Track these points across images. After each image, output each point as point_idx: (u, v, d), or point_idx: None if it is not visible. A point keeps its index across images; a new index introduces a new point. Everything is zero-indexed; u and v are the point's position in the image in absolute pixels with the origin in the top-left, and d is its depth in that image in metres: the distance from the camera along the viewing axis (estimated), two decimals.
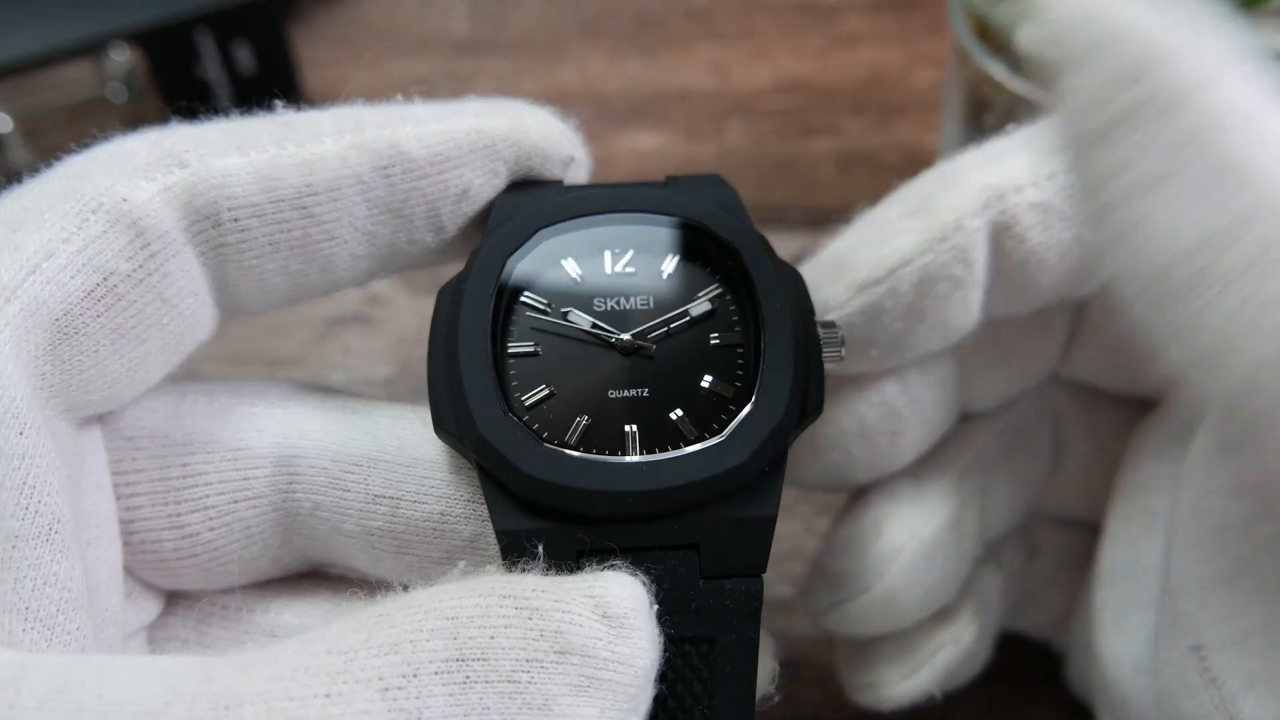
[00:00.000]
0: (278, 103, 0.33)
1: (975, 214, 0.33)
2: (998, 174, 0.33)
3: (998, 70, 0.51)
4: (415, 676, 0.23)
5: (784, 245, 0.64)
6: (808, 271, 0.35)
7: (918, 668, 0.40)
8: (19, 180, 0.31)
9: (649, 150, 0.68)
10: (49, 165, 0.31)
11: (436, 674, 0.24)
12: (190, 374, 0.35)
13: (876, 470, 0.38)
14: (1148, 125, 0.25)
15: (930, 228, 0.33)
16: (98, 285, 0.29)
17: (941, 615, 0.40)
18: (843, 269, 0.34)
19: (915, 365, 0.37)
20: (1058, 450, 0.41)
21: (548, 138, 0.34)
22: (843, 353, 0.33)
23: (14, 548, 0.26)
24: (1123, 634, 0.36)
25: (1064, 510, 0.43)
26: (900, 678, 0.40)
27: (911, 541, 0.37)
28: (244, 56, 0.65)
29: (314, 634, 0.25)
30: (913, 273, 0.33)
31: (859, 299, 0.34)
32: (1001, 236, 0.33)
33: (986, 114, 0.53)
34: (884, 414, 0.37)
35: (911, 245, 0.33)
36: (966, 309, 0.34)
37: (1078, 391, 0.41)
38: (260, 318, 0.59)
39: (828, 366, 0.32)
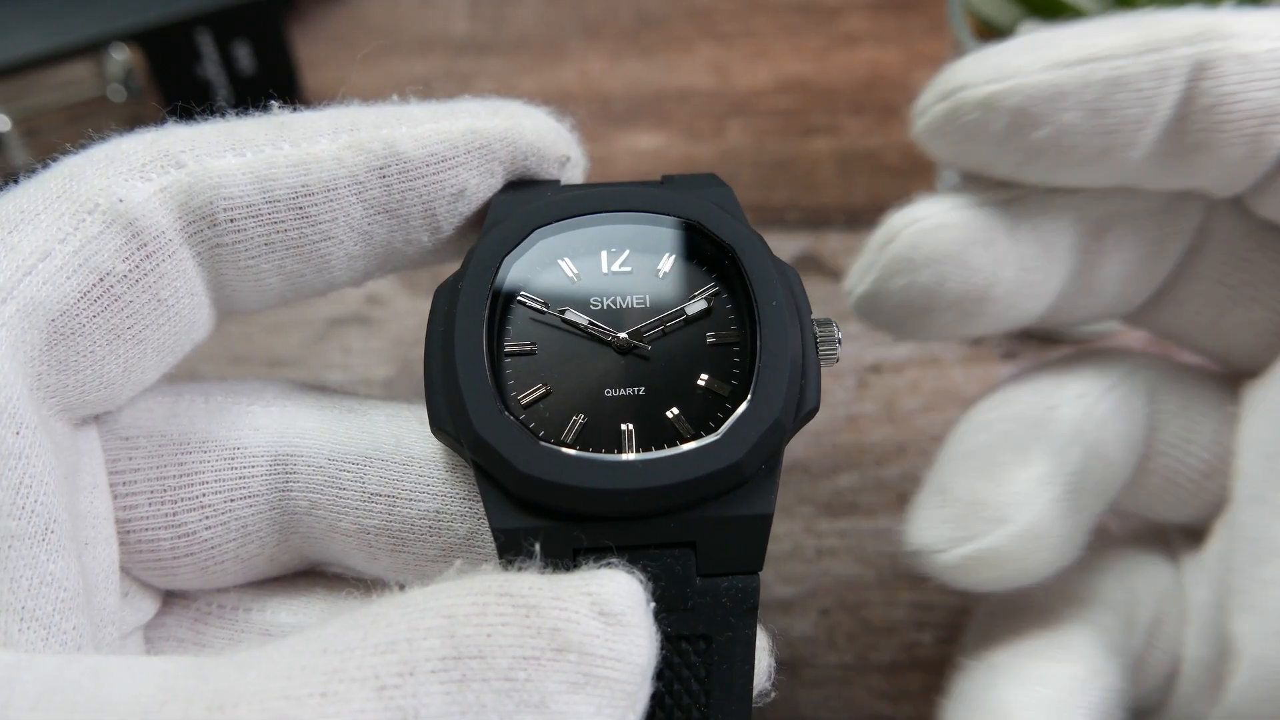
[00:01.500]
0: (273, 103, 0.33)
1: (1185, 42, 0.33)
2: (1216, 17, 0.34)
3: None
4: (411, 675, 0.23)
5: (784, 245, 0.64)
6: (997, 48, 0.35)
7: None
8: (17, 180, 0.31)
9: (649, 150, 0.68)
10: (47, 165, 0.31)
11: (433, 672, 0.24)
12: (190, 374, 0.35)
13: (958, 311, 0.37)
14: None
15: (1138, 38, 0.33)
16: (94, 286, 0.29)
17: (1047, 669, 0.38)
18: (1039, 46, 0.34)
19: (1034, 219, 0.37)
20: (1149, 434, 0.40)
21: (543, 137, 0.34)
22: (838, 352, 0.32)
23: (10, 547, 0.26)
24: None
25: (1147, 508, 0.41)
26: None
27: (1058, 474, 0.36)
28: (244, 56, 0.65)
29: (309, 633, 0.25)
30: (1109, 69, 0.33)
31: (1048, 74, 0.34)
32: (1200, 75, 0.33)
33: None
34: (986, 246, 0.36)
35: (1116, 44, 0.33)
36: (1132, 143, 0.34)
37: (1169, 368, 0.40)
38: (260, 318, 0.59)
39: (825, 366, 0.33)
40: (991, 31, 0.53)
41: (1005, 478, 0.36)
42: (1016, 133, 0.34)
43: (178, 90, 0.64)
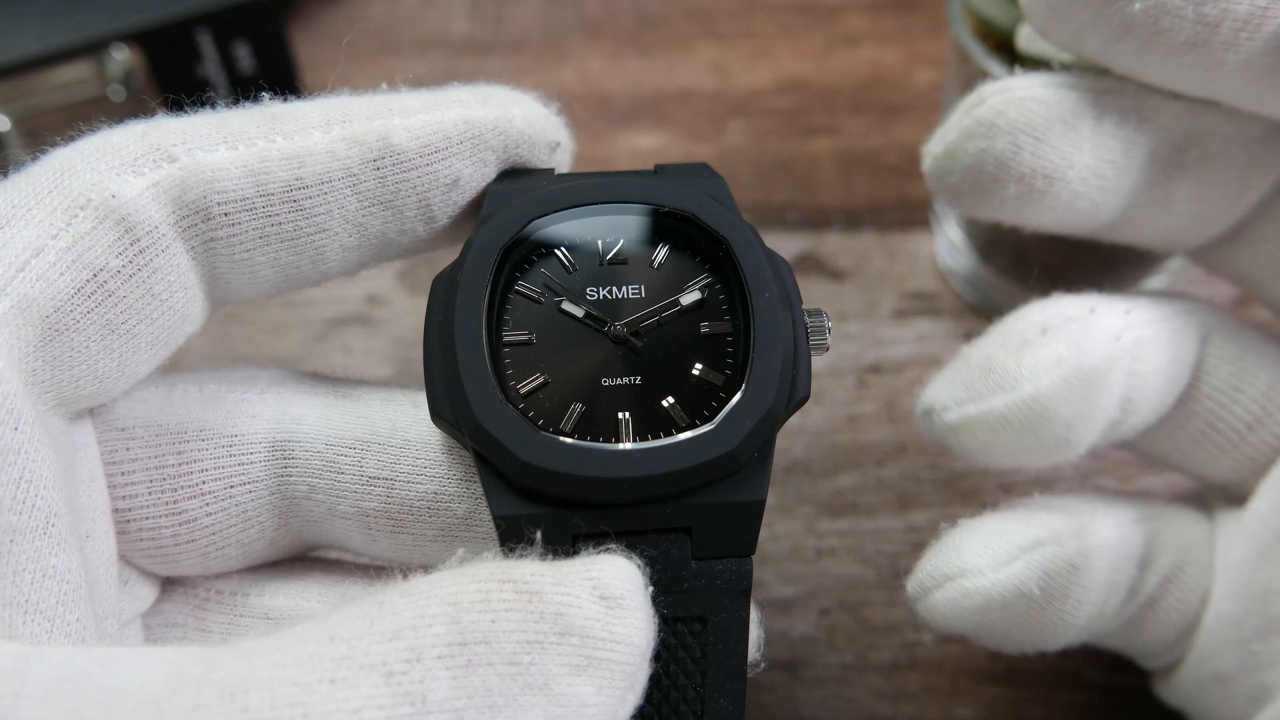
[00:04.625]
0: (264, 94, 0.33)
1: None
2: None
3: (998, 70, 0.51)
4: (418, 661, 0.24)
5: (784, 245, 0.64)
6: None
7: (1013, 558, 0.37)
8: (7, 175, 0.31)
9: (649, 150, 0.68)
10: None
11: (439, 658, 0.24)
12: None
13: (1025, 187, 0.37)
14: None
15: None
16: (87, 282, 0.29)
17: (1040, 518, 0.38)
18: None
19: (1123, 113, 0.36)
20: (1195, 374, 0.39)
21: (533, 124, 0.34)
22: (828, 340, 0.33)
23: (12, 541, 0.26)
24: None
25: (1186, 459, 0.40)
26: (990, 567, 0.37)
27: (1077, 361, 0.36)
28: (244, 56, 0.65)
29: (316, 622, 0.25)
30: None
31: None
32: None
33: None
34: (1068, 127, 0.36)
35: None
36: (1233, 43, 0.33)
37: (1232, 320, 0.39)
38: (260, 318, 0.59)
39: (815, 355, 0.33)
40: (991, 31, 0.54)
41: (1022, 351, 0.36)
42: None
43: (178, 90, 0.64)
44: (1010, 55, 0.53)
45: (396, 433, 0.33)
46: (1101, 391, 0.36)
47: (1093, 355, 0.36)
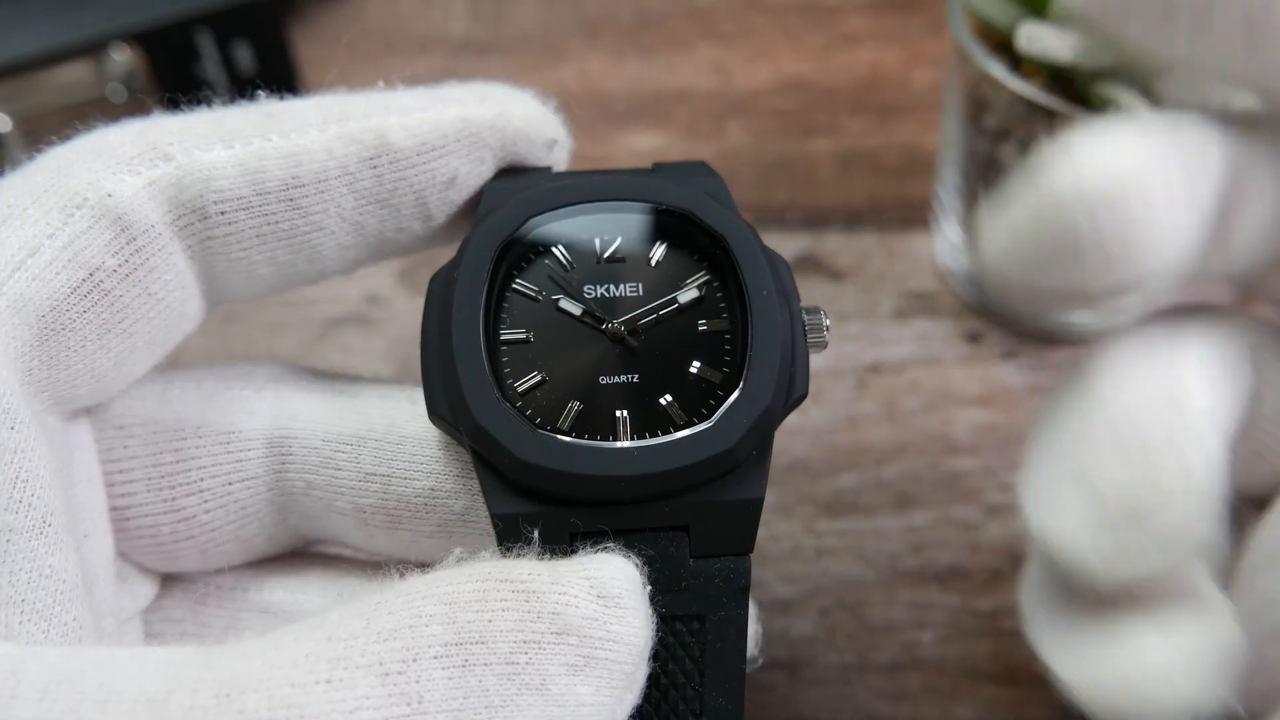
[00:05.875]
0: (260, 92, 0.33)
1: None
2: None
3: (998, 70, 0.51)
4: (415, 661, 0.24)
5: (784, 245, 0.64)
6: None
7: None
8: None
9: (649, 150, 0.68)
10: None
11: (436, 658, 0.24)
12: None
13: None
14: None
15: None
16: (84, 281, 0.29)
17: None
18: None
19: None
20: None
21: (530, 123, 0.34)
22: (826, 338, 0.33)
23: (8, 541, 0.26)
24: None
25: None
26: None
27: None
28: (244, 56, 0.65)
29: (312, 622, 0.25)
30: None
31: None
32: None
33: (986, 114, 0.53)
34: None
35: None
36: None
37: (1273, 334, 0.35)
38: (260, 317, 0.59)
39: (813, 353, 0.33)
40: (991, 31, 0.53)
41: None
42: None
43: (178, 90, 0.64)
44: (1010, 55, 0.53)
45: (393, 429, 0.33)
46: None
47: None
